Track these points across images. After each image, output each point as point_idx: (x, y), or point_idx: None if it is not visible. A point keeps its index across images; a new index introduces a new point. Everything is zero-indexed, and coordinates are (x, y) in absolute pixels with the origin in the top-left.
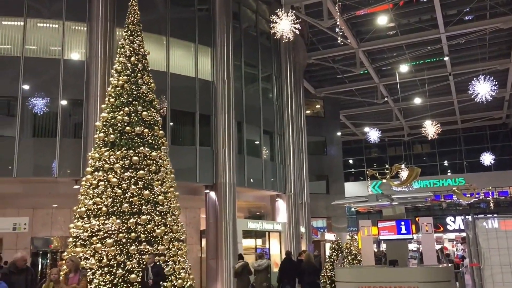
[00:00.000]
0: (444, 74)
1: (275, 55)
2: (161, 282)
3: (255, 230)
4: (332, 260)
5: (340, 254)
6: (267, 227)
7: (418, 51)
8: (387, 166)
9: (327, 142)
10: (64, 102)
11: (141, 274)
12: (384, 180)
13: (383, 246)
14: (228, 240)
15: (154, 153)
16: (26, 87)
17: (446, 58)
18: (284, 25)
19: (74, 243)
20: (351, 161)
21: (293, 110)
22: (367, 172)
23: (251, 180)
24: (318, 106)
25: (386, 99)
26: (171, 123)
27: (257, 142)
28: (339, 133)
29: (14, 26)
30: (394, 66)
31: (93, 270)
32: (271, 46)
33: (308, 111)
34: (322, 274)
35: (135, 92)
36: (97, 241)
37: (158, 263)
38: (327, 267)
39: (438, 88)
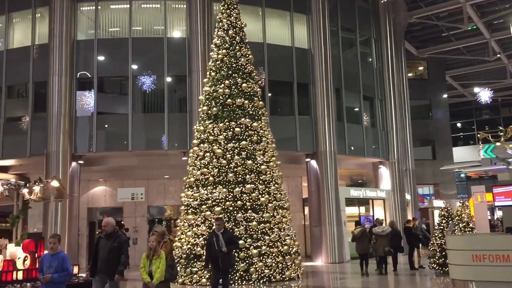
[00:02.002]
0: None
1: (374, 17)
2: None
3: (358, 197)
4: (441, 227)
5: (450, 222)
6: (370, 194)
7: None
8: (501, 128)
9: (432, 105)
10: (169, 79)
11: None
12: (498, 143)
13: (498, 213)
14: (331, 208)
15: (255, 124)
16: (134, 66)
17: None
18: None
19: (185, 211)
20: (459, 125)
21: (394, 73)
22: (478, 135)
23: (352, 147)
24: (421, 68)
25: (498, 55)
26: (270, 94)
27: (356, 109)
28: (445, 95)
29: (121, 9)
30: (508, 18)
31: (204, 236)
32: (369, 8)
33: (410, 74)
34: (431, 242)
35: (234, 65)
36: (206, 209)
37: (229, 229)
38: (436, 234)
39: None
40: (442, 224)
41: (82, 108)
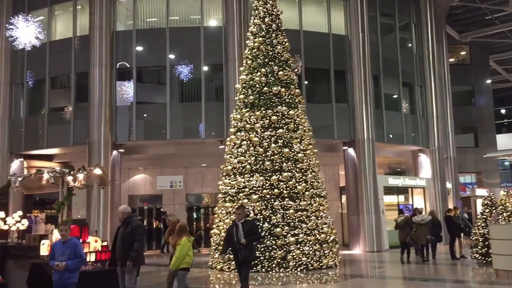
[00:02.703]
0: None
1: (413, 1)
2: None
3: (396, 186)
4: (485, 217)
5: (494, 211)
6: (409, 183)
7: None
8: None
9: (474, 91)
10: (206, 68)
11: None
12: None
13: None
14: (369, 196)
15: (291, 112)
16: (172, 56)
17: None
18: None
19: (223, 198)
20: (503, 111)
21: (435, 59)
22: None
23: (391, 135)
24: (463, 53)
25: None
26: (306, 81)
27: (395, 96)
28: (489, 81)
29: (158, 0)
30: None
31: None
32: None
33: (452, 59)
34: (474, 231)
35: (270, 53)
36: (244, 197)
37: (250, 219)
38: (479, 224)
39: None
40: (485, 213)
41: (122, 98)
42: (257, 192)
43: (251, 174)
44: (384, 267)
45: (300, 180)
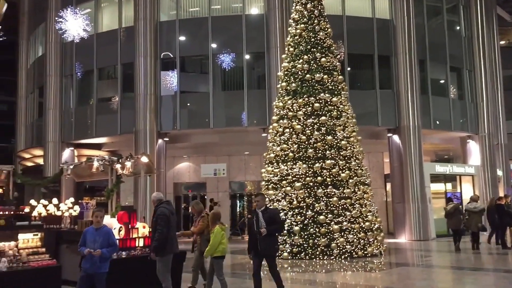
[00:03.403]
0: None
1: None
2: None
3: (444, 174)
4: None
5: None
6: (457, 170)
7: None
8: None
9: None
10: (247, 56)
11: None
12: None
13: None
14: (415, 184)
15: (334, 99)
16: (214, 45)
17: None
18: None
19: (266, 186)
20: None
21: (485, 42)
22: None
23: (437, 121)
24: None
25: None
26: (349, 68)
27: (443, 81)
28: None
29: None
30: None
31: (285, 211)
32: None
33: (502, 42)
34: None
35: (312, 39)
36: (287, 184)
37: (271, 207)
38: None
39: None
40: None
41: (166, 88)
42: (300, 179)
43: (294, 162)
44: (431, 256)
45: (344, 167)
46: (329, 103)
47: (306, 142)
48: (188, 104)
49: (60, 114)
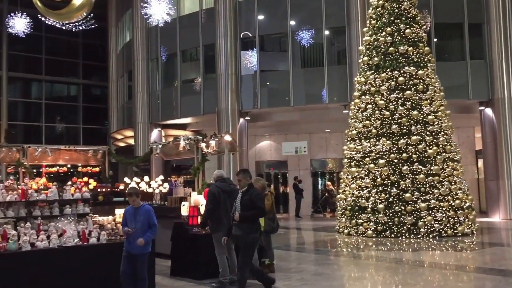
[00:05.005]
0: None
1: None
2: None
3: None
4: None
5: None
6: None
7: None
8: None
9: None
10: (327, 32)
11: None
12: None
13: None
14: (510, 160)
15: (420, 72)
16: (293, 22)
17: None
18: None
19: (348, 163)
20: None
21: None
22: None
23: None
24: None
25: None
26: (436, 39)
27: None
28: None
29: None
30: None
31: (369, 189)
32: None
33: None
34: None
35: (396, 10)
36: (370, 161)
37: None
38: None
39: None
40: None
41: (246, 67)
42: (384, 156)
43: (377, 138)
44: None
45: (431, 143)
46: (414, 76)
47: (390, 118)
48: (268, 83)
49: (148, 97)
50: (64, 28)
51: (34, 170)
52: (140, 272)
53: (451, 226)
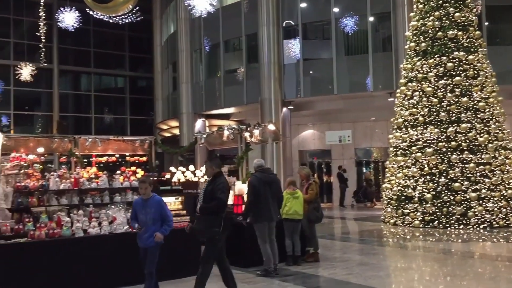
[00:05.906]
0: None
1: None
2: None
3: None
4: None
5: None
6: None
7: None
8: None
9: None
10: (371, 18)
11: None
12: None
13: None
14: None
15: (470, 57)
16: (336, 9)
17: None
18: None
19: (394, 152)
20: None
21: None
22: None
23: None
24: None
25: None
26: (487, 22)
27: None
28: None
29: None
30: None
31: (416, 178)
32: None
33: None
34: None
35: None
36: (417, 150)
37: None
38: None
39: None
40: None
41: (289, 56)
42: (431, 145)
43: (425, 126)
44: None
45: (482, 131)
46: (464, 62)
47: (438, 105)
48: (311, 72)
49: (192, 87)
50: (111, 21)
51: (85, 160)
52: (148, 266)
53: (503, 216)
